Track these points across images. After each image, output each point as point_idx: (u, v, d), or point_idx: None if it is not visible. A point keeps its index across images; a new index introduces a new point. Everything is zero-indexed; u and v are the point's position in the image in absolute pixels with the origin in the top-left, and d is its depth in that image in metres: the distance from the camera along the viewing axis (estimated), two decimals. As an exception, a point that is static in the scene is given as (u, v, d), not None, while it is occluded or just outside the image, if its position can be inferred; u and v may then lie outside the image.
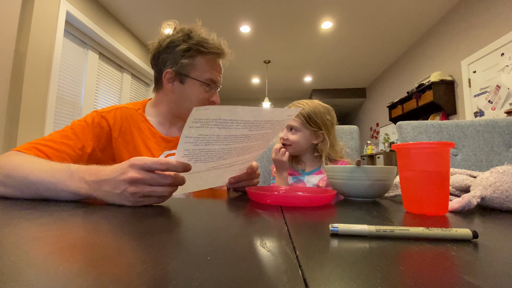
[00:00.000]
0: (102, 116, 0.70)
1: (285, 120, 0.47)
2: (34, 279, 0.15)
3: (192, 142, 0.38)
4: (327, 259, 0.19)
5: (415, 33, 3.59)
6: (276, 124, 0.46)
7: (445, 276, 0.16)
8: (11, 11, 1.94)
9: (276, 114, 0.43)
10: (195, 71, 0.74)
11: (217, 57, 0.76)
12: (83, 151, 0.64)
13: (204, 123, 0.36)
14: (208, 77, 0.74)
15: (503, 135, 1.05)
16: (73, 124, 0.67)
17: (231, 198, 0.53)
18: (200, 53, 0.73)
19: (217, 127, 0.37)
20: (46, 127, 2.26)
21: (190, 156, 0.40)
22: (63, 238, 0.23)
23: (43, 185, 0.43)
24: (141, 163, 0.38)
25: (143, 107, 0.80)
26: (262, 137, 0.47)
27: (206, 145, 0.40)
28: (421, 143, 0.41)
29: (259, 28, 3.54)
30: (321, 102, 1.00)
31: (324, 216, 0.36)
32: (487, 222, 0.34)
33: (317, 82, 5.73)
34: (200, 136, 0.38)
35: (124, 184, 0.38)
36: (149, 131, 0.75)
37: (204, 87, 0.75)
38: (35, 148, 0.55)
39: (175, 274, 0.16)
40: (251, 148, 0.49)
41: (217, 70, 0.76)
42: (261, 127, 0.43)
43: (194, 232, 0.27)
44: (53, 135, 0.62)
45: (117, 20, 3.32)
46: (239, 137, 0.42)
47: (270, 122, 0.43)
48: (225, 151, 0.44)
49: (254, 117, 0.39)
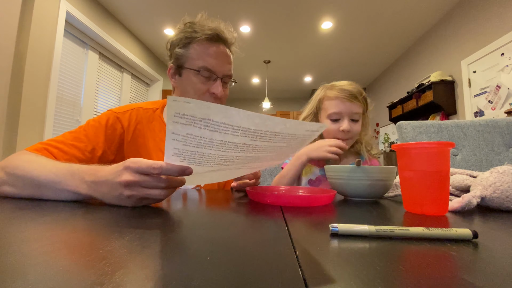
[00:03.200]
0: (117, 117, 0.69)
1: (306, 136, 0.38)
2: (34, 279, 0.15)
3: (180, 141, 0.33)
4: (327, 259, 0.19)
5: (415, 33, 3.59)
6: (291, 139, 0.37)
7: (445, 276, 0.16)
8: (11, 11, 1.94)
9: (288, 127, 0.34)
10: (189, 60, 0.68)
11: (213, 43, 0.68)
12: (93, 154, 0.63)
13: (190, 120, 0.31)
14: (202, 65, 0.67)
15: (503, 135, 1.05)
16: (88, 124, 0.66)
17: (231, 198, 0.53)
18: (194, 40, 0.67)
19: (207, 129, 0.32)
20: (46, 127, 2.26)
21: (182, 157, 0.36)
22: (63, 238, 0.23)
23: (46, 183, 0.43)
24: (135, 166, 0.37)
25: (162, 107, 0.76)
26: (274, 149, 0.39)
27: (198, 147, 0.34)
28: (421, 143, 0.40)
29: (259, 28, 3.54)
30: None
31: (324, 216, 0.35)
32: (487, 222, 0.34)
33: (317, 82, 5.71)
34: (188, 135, 0.32)
35: (120, 187, 0.37)
36: (164, 135, 0.71)
37: (199, 76, 0.68)
38: (45, 149, 0.56)
39: (175, 274, 0.16)
40: (260, 159, 0.42)
41: (213, 57, 0.68)
42: (268, 139, 0.35)
43: (194, 232, 0.27)
44: (66, 135, 0.62)
45: (117, 20, 3.32)
46: (239, 146, 0.36)
47: (281, 135, 0.35)
48: (224, 157, 0.38)
49: (256, 125, 0.32)
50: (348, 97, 0.82)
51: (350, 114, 0.83)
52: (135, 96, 3.90)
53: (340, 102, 0.83)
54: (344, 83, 0.87)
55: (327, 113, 0.85)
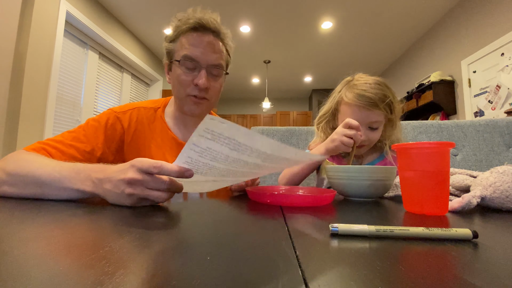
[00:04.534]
0: (117, 117, 0.68)
1: (305, 161, 0.44)
2: (34, 279, 0.15)
3: (197, 152, 0.35)
4: (327, 259, 0.19)
5: (415, 33, 3.59)
6: (293, 163, 0.43)
7: (445, 276, 0.16)
8: (11, 11, 1.94)
9: (298, 156, 0.39)
10: (175, 52, 0.67)
11: (197, 32, 0.65)
12: (92, 154, 0.62)
13: (215, 136, 0.32)
14: (184, 54, 0.64)
15: (503, 135, 1.05)
16: (87, 123, 0.65)
17: (231, 198, 0.53)
18: (180, 33, 0.66)
19: (228, 147, 0.34)
20: (46, 127, 2.26)
21: (192, 165, 0.38)
22: (63, 238, 0.23)
23: (48, 181, 0.43)
24: (139, 165, 0.38)
25: (163, 106, 0.75)
26: (274, 168, 0.43)
27: (212, 161, 0.36)
28: (421, 143, 0.40)
29: (259, 28, 3.54)
30: (378, 78, 0.80)
31: (324, 216, 0.35)
32: (487, 222, 0.34)
33: (317, 82, 5.73)
34: (208, 149, 0.34)
35: (123, 184, 0.38)
36: (166, 135, 0.71)
37: (182, 67, 0.65)
38: (43, 149, 0.56)
39: (175, 274, 0.16)
40: (258, 172, 0.46)
41: (195, 45, 0.64)
42: (276, 162, 0.39)
43: (194, 232, 0.27)
44: (65, 135, 0.61)
45: (117, 20, 3.32)
46: (249, 164, 0.38)
47: (288, 160, 0.39)
48: (229, 171, 0.40)
49: (272, 151, 0.35)
50: (366, 105, 0.73)
51: (368, 123, 0.75)
52: (135, 96, 3.90)
53: (357, 110, 0.75)
54: (366, 84, 0.76)
55: (343, 118, 0.77)
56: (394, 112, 0.78)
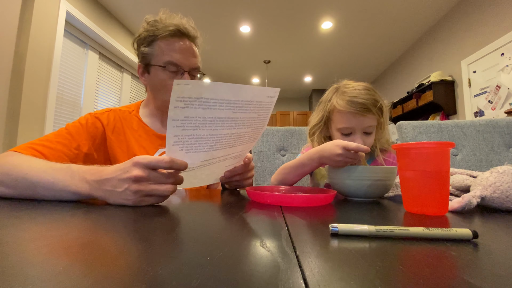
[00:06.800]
0: (96, 117, 0.71)
1: (267, 103, 0.47)
2: (34, 279, 0.15)
3: (180, 126, 0.39)
4: (327, 259, 0.19)
5: (415, 33, 3.59)
6: (259, 108, 0.46)
7: (445, 276, 0.16)
8: (11, 11, 1.94)
9: (255, 93, 0.43)
10: (155, 57, 0.70)
11: (177, 38, 0.70)
12: (79, 150, 0.64)
13: (187, 102, 0.37)
14: (167, 60, 0.69)
15: (503, 135, 1.05)
16: (68, 126, 0.67)
17: (231, 198, 0.53)
18: (157, 38, 0.69)
19: (201, 107, 0.38)
20: (46, 127, 2.26)
21: (181, 145, 0.41)
22: (63, 238, 0.23)
23: (42, 184, 0.43)
24: (145, 162, 0.39)
25: (137, 108, 0.80)
26: (250, 124, 0.48)
27: (194, 129, 0.40)
28: (421, 143, 0.40)
29: (259, 28, 3.54)
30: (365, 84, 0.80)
31: (324, 216, 0.35)
32: (487, 222, 0.34)
33: (317, 82, 5.73)
34: (186, 118, 0.38)
35: (127, 182, 0.38)
36: (143, 130, 0.75)
37: (166, 72, 0.70)
38: (31, 148, 0.55)
39: (175, 274, 0.16)
40: (241, 138, 0.50)
41: (177, 51, 0.69)
42: (245, 110, 0.44)
43: (194, 232, 0.27)
44: (48, 136, 0.62)
45: (117, 20, 3.32)
46: (225, 121, 0.42)
47: (252, 103, 0.44)
48: (214, 137, 0.44)
49: (234, 95, 0.40)
50: (360, 111, 0.73)
51: (363, 128, 0.75)
52: (135, 96, 3.90)
53: (351, 117, 0.74)
54: (356, 90, 0.76)
55: (337, 126, 0.78)
56: (383, 115, 0.78)
